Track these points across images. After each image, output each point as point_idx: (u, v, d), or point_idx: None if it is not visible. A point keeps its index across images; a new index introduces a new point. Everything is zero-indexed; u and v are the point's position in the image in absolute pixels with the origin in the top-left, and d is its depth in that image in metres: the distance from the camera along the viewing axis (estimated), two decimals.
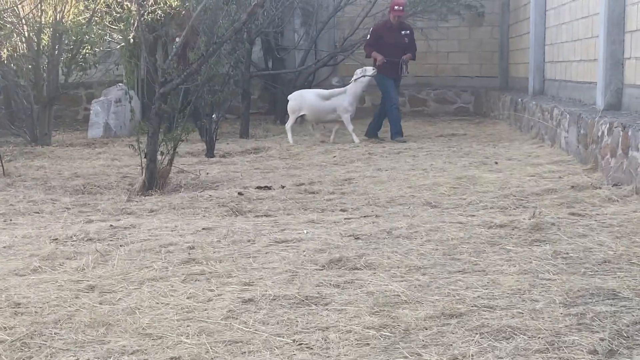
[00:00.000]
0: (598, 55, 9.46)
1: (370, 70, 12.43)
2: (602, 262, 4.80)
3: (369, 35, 13.01)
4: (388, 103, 12.76)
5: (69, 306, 4.19)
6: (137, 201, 7.55)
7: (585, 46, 10.66)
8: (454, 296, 4.21)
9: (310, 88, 18.33)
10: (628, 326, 3.68)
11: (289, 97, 12.97)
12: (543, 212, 6.22)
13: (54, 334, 3.79)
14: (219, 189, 8.16)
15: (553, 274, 4.56)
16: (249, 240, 5.66)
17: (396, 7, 12.66)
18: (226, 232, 5.91)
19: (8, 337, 3.74)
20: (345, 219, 6.37)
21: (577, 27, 11.15)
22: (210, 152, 11.12)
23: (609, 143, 7.77)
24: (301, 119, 12.88)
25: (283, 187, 8.11)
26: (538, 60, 13.68)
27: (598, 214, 6.17)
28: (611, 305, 3.98)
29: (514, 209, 6.58)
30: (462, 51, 18.35)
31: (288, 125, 12.75)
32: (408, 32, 12.95)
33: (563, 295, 4.16)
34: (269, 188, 8.03)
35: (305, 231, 5.89)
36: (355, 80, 12.48)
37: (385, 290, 4.32)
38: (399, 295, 4.23)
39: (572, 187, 7.37)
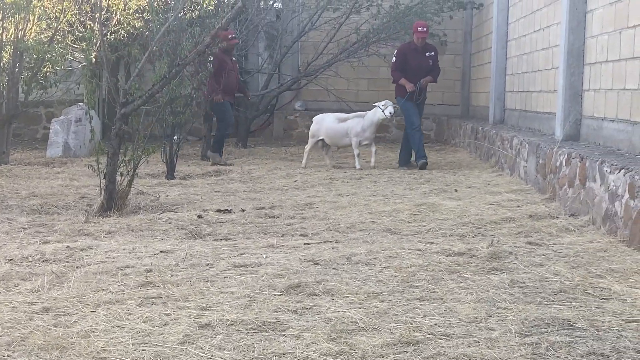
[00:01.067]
0: (558, 87, 9.59)
1: (388, 112, 11.96)
2: (558, 292, 4.84)
3: (394, 58, 12.58)
4: (409, 127, 12.60)
5: (23, 328, 4.13)
6: (94, 222, 7.47)
7: (546, 77, 10.81)
8: (411, 324, 4.22)
9: (272, 111, 18.45)
10: (582, 357, 3.71)
11: (313, 119, 12.79)
12: (501, 241, 6.27)
13: (7, 356, 3.73)
14: (178, 211, 8.11)
15: (509, 303, 4.58)
16: (207, 264, 5.62)
17: (420, 29, 12.31)
18: (184, 255, 5.87)
19: None
20: (305, 244, 6.37)
21: (538, 58, 11.30)
22: (170, 174, 11.07)
23: (567, 173, 7.86)
24: (323, 143, 12.56)
25: (243, 210, 8.09)
26: (499, 90, 13.84)
27: (555, 244, 6.23)
28: (566, 335, 4.01)
29: (473, 237, 6.62)
30: None
31: (307, 147, 12.58)
32: (432, 53, 12.55)
33: (519, 324, 4.19)
34: (229, 211, 8.00)
35: (264, 256, 5.87)
36: (375, 108, 12.16)
37: (343, 317, 4.32)
38: (357, 322, 4.23)
39: (530, 216, 7.44)
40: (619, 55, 7.87)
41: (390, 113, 11.95)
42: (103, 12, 13.59)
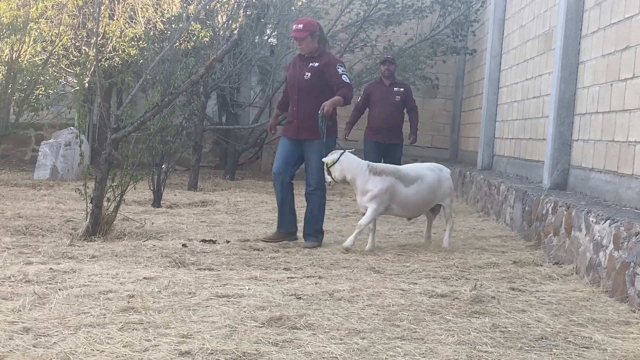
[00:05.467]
0: (547, 135, 9.66)
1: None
2: (539, 338, 4.85)
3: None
4: None
5: (2, 347, 4.10)
6: (79, 246, 7.46)
7: (535, 125, 10.89)
8: None
9: (262, 145, 18.47)
10: None
11: None
12: (484, 285, 6.28)
13: None
14: (163, 239, 8.10)
15: (490, 347, 4.58)
16: (189, 293, 5.61)
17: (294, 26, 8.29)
18: (167, 283, 5.86)
19: None
20: (288, 277, 6.36)
21: (529, 107, 11.40)
22: (157, 202, 11.06)
23: (553, 222, 7.89)
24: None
25: (228, 242, 8.09)
26: (488, 136, 13.93)
27: (538, 291, 6.24)
28: None
29: (456, 279, 6.63)
30: None
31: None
32: (317, 64, 8.28)
33: None
34: (214, 242, 8.00)
35: (247, 287, 5.86)
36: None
37: (324, 352, 4.31)
38: (337, 358, 4.22)
39: (514, 262, 7.45)
40: (609, 107, 7.95)
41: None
42: (99, 38, 13.68)
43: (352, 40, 16.15)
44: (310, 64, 8.28)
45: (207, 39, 13.92)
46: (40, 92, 13.69)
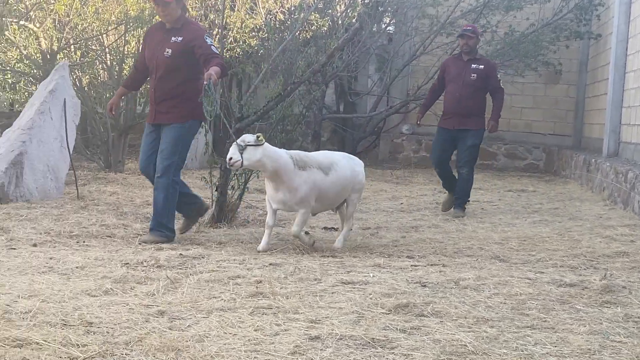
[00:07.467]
0: None
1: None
2: None
3: None
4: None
5: (140, 329, 4.25)
6: (205, 232, 7.66)
7: None
8: (522, 351, 4.16)
9: (379, 134, 18.43)
10: None
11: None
12: (614, 275, 6.12)
13: (125, 354, 3.84)
14: (285, 226, 8.21)
15: (624, 337, 4.47)
16: (315, 279, 5.68)
17: None
18: (293, 269, 5.94)
19: (81, 355, 3.81)
20: (411, 265, 6.35)
21: None
22: None
23: None
24: None
25: (349, 229, 8.12)
26: (614, 122, 13.54)
27: None
28: None
29: (584, 269, 6.48)
30: (536, 108, 18.24)
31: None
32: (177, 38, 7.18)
33: (634, 358, 4.08)
34: (335, 229, 8.05)
35: (371, 274, 5.88)
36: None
37: (452, 340, 4.28)
38: (466, 346, 4.19)
39: None
40: None
41: None
42: (222, 30, 13.93)
43: None
44: (172, 39, 7.11)
45: (325, 28, 14.00)
46: None
